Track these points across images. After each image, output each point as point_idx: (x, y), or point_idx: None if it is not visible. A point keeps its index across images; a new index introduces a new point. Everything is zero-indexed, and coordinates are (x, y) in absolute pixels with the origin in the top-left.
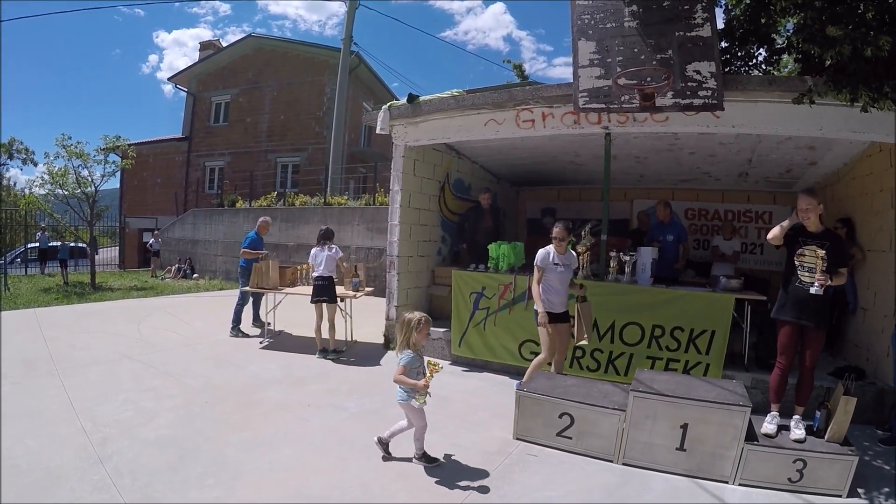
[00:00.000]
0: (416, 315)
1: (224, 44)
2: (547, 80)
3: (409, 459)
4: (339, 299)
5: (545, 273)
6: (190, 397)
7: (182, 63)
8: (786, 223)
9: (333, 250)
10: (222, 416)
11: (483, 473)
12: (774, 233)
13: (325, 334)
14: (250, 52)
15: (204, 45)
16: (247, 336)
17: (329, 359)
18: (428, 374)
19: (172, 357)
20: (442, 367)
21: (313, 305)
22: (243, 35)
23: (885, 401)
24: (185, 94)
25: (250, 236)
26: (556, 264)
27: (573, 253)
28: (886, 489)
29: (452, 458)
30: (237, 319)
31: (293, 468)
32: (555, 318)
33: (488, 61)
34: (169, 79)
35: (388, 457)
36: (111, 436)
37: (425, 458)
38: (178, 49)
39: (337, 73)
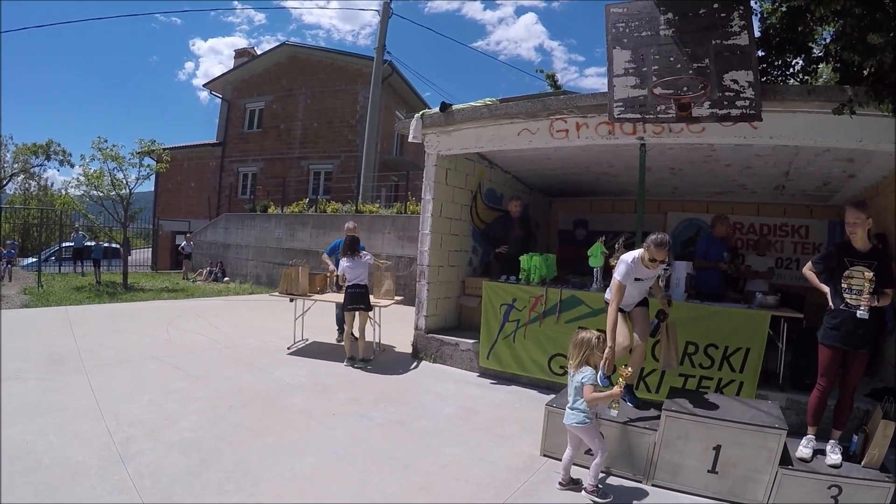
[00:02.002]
0: (594, 332)
1: (258, 52)
2: (579, 91)
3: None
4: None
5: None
6: (215, 401)
7: (217, 70)
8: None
9: (367, 257)
10: (246, 422)
11: (508, 490)
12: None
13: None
14: (284, 60)
15: (239, 53)
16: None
17: (357, 367)
18: (621, 380)
19: (199, 359)
20: (630, 372)
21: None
22: (277, 43)
23: None
24: (219, 100)
25: (335, 244)
26: (639, 279)
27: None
28: None
29: (477, 473)
30: (339, 325)
31: (315, 477)
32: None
33: (521, 71)
34: (204, 85)
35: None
36: (134, 436)
37: (573, 483)
38: (214, 57)
39: (370, 81)
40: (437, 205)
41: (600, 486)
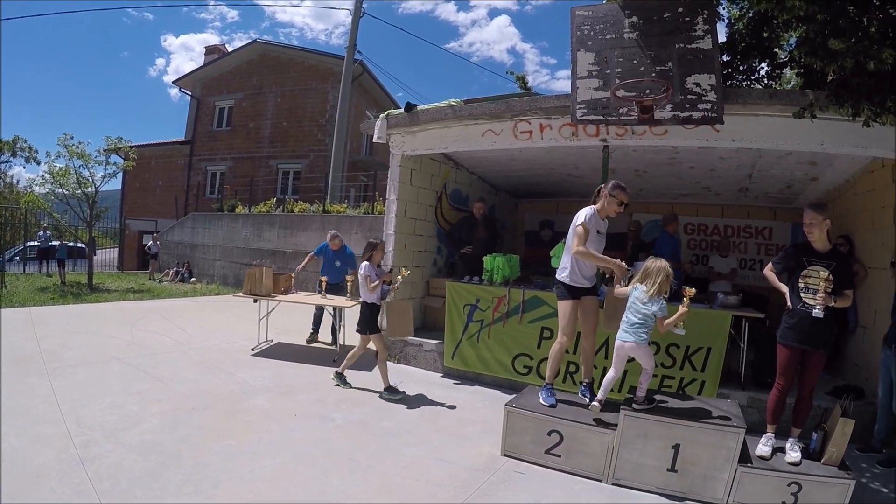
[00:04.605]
0: (663, 263)
1: (230, 49)
2: (549, 93)
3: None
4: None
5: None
6: (177, 403)
7: (189, 67)
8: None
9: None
10: (207, 424)
11: (467, 490)
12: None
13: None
14: (255, 58)
15: (209, 50)
16: (322, 343)
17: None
18: (685, 300)
19: (163, 361)
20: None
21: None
22: (249, 41)
23: None
24: (189, 97)
25: (321, 246)
26: (599, 232)
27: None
28: None
29: (437, 474)
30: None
31: (275, 479)
32: (583, 291)
33: (492, 73)
34: (174, 82)
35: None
36: (94, 439)
37: (648, 400)
38: (186, 53)
39: (340, 81)
40: (401, 205)
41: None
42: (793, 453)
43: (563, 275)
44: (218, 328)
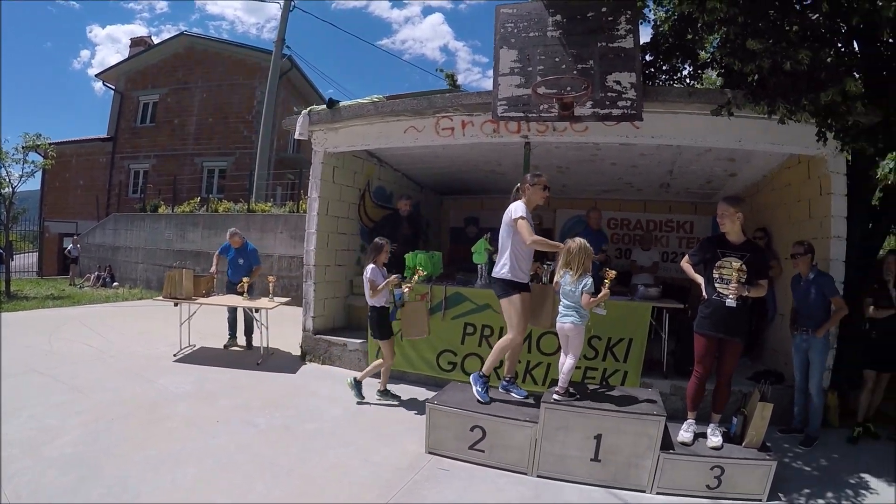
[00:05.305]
0: (581, 240)
1: (157, 41)
2: (481, 91)
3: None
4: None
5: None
6: (97, 413)
7: (114, 60)
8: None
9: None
10: (128, 433)
11: (392, 490)
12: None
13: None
14: (181, 51)
15: (135, 42)
16: (240, 347)
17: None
18: (606, 281)
19: (83, 370)
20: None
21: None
22: (177, 33)
23: None
24: (113, 92)
25: (224, 245)
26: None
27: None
28: (807, 490)
29: (362, 474)
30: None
31: (196, 487)
32: (523, 287)
33: (424, 70)
34: (97, 75)
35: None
36: (12, 455)
37: (569, 393)
38: (112, 45)
39: (268, 76)
40: (323, 203)
41: (569, 388)
42: (714, 438)
43: (503, 271)
44: (140, 334)
